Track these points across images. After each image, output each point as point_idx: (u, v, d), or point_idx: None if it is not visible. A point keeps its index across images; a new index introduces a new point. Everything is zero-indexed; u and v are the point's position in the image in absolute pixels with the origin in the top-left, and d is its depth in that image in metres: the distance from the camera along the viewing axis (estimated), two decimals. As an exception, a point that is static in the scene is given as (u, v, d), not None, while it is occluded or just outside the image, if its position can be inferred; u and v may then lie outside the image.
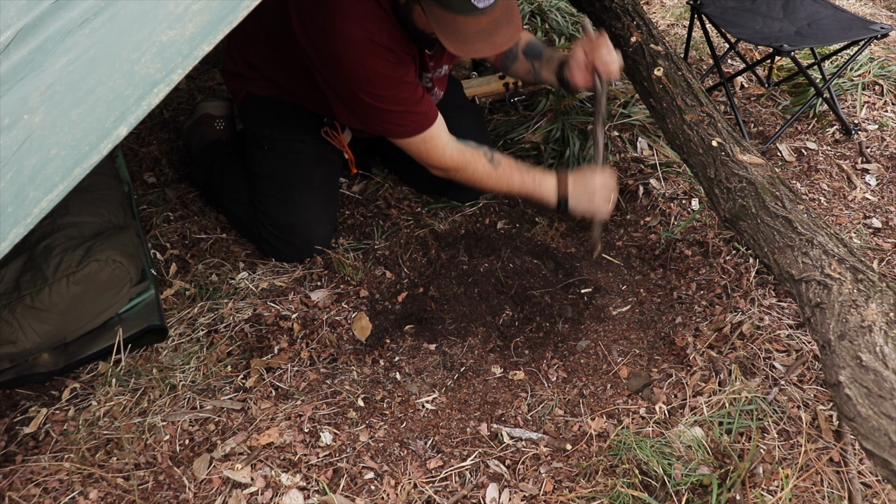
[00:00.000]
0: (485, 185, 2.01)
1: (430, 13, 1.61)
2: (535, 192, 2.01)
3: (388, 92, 1.78)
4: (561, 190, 1.99)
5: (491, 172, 1.97)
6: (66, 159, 0.84)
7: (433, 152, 1.91)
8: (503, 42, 1.66)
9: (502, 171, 1.97)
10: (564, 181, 1.99)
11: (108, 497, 1.50)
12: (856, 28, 2.56)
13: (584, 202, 1.98)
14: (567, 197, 1.99)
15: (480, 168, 1.96)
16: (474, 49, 1.64)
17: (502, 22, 1.64)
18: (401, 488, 1.53)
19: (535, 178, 2.00)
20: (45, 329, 1.72)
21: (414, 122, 1.85)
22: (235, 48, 2.13)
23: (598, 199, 1.97)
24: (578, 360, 1.87)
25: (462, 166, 1.94)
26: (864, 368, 1.15)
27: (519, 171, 1.99)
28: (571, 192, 1.98)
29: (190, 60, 0.89)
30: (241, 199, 2.19)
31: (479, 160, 1.95)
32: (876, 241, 2.21)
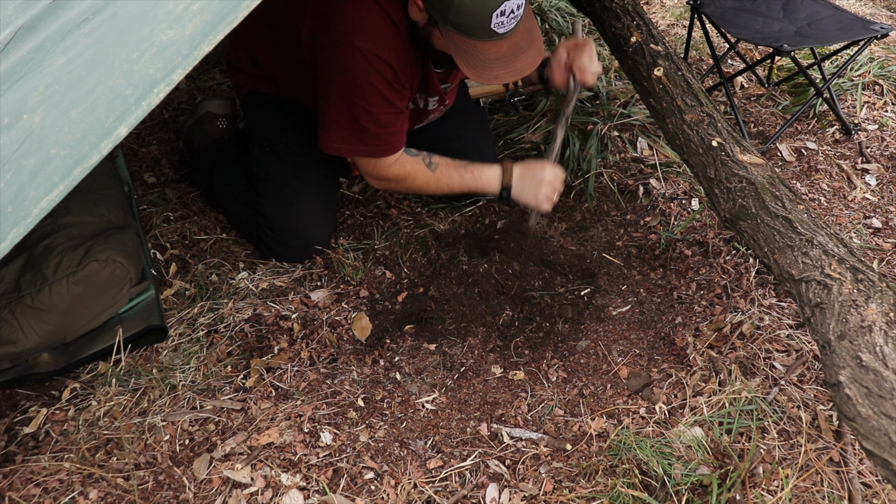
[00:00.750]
0: (426, 190, 2.01)
1: (449, 39, 1.59)
2: (476, 185, 2.01)
3: (376, 109, 1.77)
4: (505, 179, 2.01)
5: (430, 177, 1.97)
6: (65, 159, 0.84)
7: (379, 168, 1.91)
8: (524, 67, 1.64)
9: (441, 172, 1.97)
10: (509, 171, 2.01)
11: (108, 497, 1.50)
12: (856, 28, 2.56)
13: (528, 192, 2.00)
14: (510, 186, 2.00)
15: (420, 175, 1.96)
16: (494, 75, 1.62)
17: (523, 46, 1.62)
18: (401, 488, 1.53)
19: (474, 172, 2.00)
20: (45, 329, 1.72)
21: (379, 148, 1.86)
22: (242, 43, 2.12)
23: (543, 192, 1.98)
24: (578, 360, 1.86)
25: (403, 177, 1.94)
26: (864, 368, 1.15)
27: (457, 169, 1.99)
28: (516, 181, 2.00)
29: (190, 60, 0.89)
30: (242, 199, 2.19)
31: (419, 167, 1.95)
32: (876, 241, 2.21)
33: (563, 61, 1.97)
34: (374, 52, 1.68)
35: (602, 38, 2.40)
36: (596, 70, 1.93)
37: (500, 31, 1.55)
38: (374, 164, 1.90)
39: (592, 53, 1.92)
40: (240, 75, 2.16)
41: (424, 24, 1.67)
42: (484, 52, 1.58)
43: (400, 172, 1.93)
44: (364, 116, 1.77)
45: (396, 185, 1.99)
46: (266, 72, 2.08)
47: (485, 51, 1.58)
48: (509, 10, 1.52)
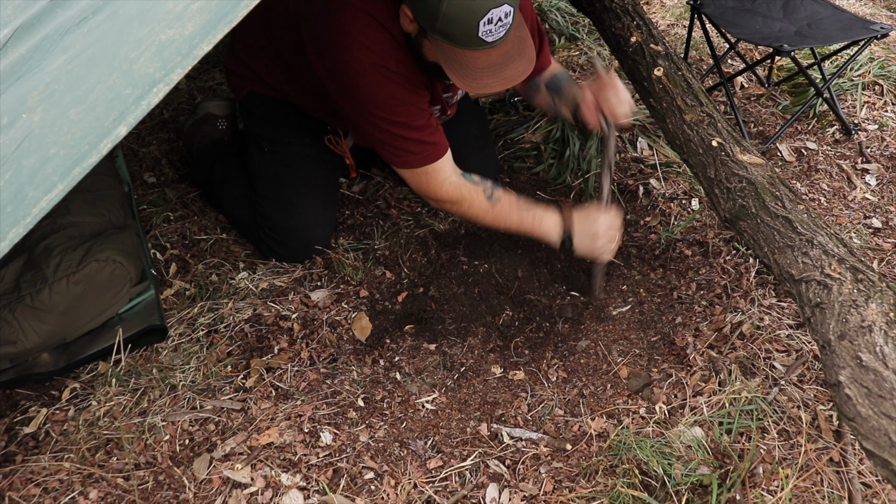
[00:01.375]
0: (481, 221, 1.94)
1: (438, 48, 1.57)
2: (535, 230, 1.93)
3: (405, 118, 1.74)
4: (566, 224, 1.91)
5: (488, 209, 1.90)
6: (65, 159, 0.84)
7: (432, 185, 1.86)
8: (514, 76, 1.61)
9: (500, 208, 1.90)
10: (569, 219, 1.91)
11: (108, 497, 1.50)
12: (856, 28, 2.56)
13: (587, 242, 1.90)
14: (571, 235, 1.91)
15: (477, 204, 1.89)
16: (483, 84, 1.58)
17: (514, 55, 1.59)
18: (401, 488, 1.53)
19: (535, 215, 1.92)
20: (45, 329, 1.72)
21: (425, 152, 1.80)
22: (241, 54, 2.11)
23: (602, 241, 1.88)
24: (578, 360, 1.86)
25: (458, 200, 1.88)
26: (864, 368, 1.15)
27: (518, 209, 1.91)
28: (576, 230, 1.90)
29: (189, 60, 0.89)
30: (241, 200, 2.19)
31: (477, 196, 1.88)
32: (876, 241, 2.21)
33: (592, 104, 1.90)
34: (383, 66, 1.66)
35: (602, 38, 2.40)
36: (626, 109, 1.86)
37: (488, 40, 1.52)
38: (427, 181, 1.84)
39: (618, 90, 1.85)
40: (238, 79, 2.16)
41: (416, 34, 1.66)
42: (473, 61, 1.56)
43: (454, 195, 1.87)
44: (396, 127, 1.74)
45: (452, 208, 1.92)
46: (264, 76, 2.08)
47: (474, 60, 1.55)
48: (497, 17, 1.49)
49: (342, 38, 1.66)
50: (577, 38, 3.31)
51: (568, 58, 3.16)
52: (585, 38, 3.30)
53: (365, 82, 1.68)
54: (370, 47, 1.66)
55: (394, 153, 1.81)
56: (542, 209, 1.93)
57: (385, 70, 1.67)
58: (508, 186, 2.45)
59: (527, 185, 2.46)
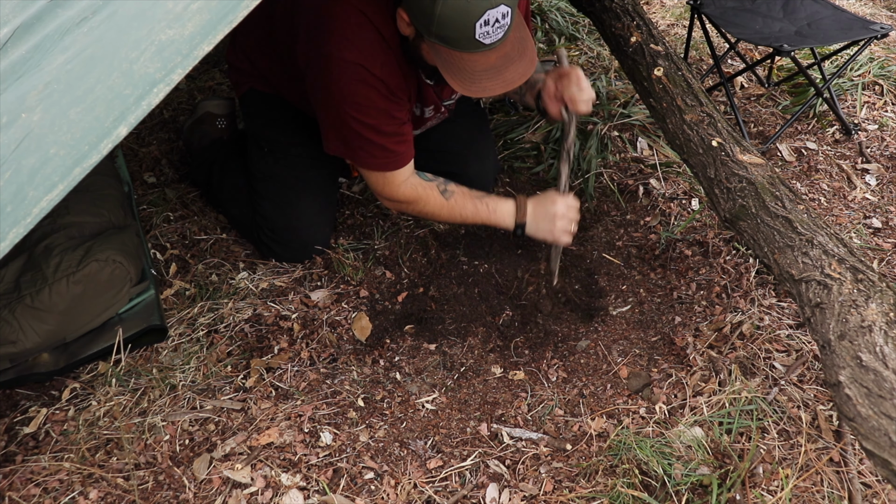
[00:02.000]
0: (438, 217, 1.96)
1: (435, 52, 1.55)
2: (489, 219, 1.95)
3: (375, 121, 1.73)
4: (519, 215, 1.93)
5: (443, 204, 1.91)
6: (65, 159, 0.84)
7: (388, 187, 1.87)
8: (514, 78, 1.58)
9: (455, 200, 1.92)
10: (523, 206, 1.93)
11: (108, 497, 1.50)
12: (856, 28, 2.56)
13: (543, 228, 1.92)
14: (525, 222, 1.93)
15: (433, 201, 1.91)
16: (483, 88, 1.56)
17: (513, 57, 1.57)
18: (401, 488, 1.53)
19: (489, 205, 1.94)
20: (45, 329, 1.72)
21: (387, 159, 1.82)
22: (241, 47, 2.12)
23: (559, 225, 1.90)
24: (578, 360, 1.86)
25: (414, 199, 1.90)
26: (864, 368, 1.15)
27: (472, 200, 1.93)
28: (530, 217, 1.93)
29: (190, 60, 0.89)
30: (241, 199, 2.19)
31: (432, 193, 1.90)
32: (876, 241, 2.21)
33: (553, 93, 1.91)
34: (364, 67, 1.65)
35: (602, 37, 2.40)
36: (588, 97, 1.86)
37: (486, 42, 1.49)
38: (383, 182, 1.86)
39: (580, 81, 1.85)
40: (239, 75, 2.16)
41: (413, 38, 1.64)
42: (471, 64, 1.53)
43: (411, 194, 1.88)
44: (363, 128, 1.74)
45: (408, 208, 1.94)
46: (265, 74, 2.08)
47: (472, 62, 1.53)
48: (494, 19, 1.45)
49: (331, 31, 1.66)
50: (577, 38, 3.31)
51: (568, 57, 3.15)
52: (585, 38, 3.30)
53: (342, 78, 1.67)
54: (356, 45, 1.65)
55: (356, 152, 1.82)
56: (497, 198, 1.96)
57: (365, 71, 1.66)
58: (508, 186, 2.45)
59: (527, 185, 2.46)
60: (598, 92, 2.73)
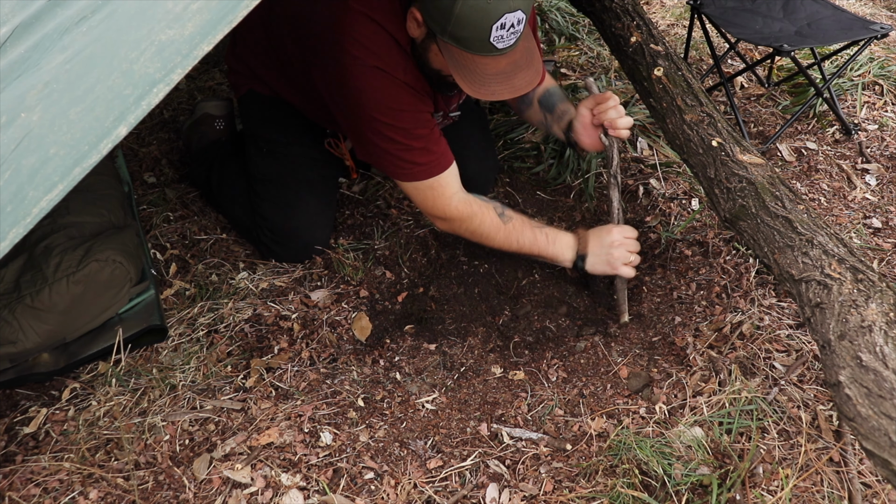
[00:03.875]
0: (492, 240, 1.89)
1: (447, 52, 1.55)
2: (547, 250, 1.89)
3: (408, 124, 1.70)
4: (580, 247, 1.88)
5: (500, 226, 1.86)
6: (65, 159, 0.84)
7: (439, 200, 1.81)
8: (522, 86, 1.59)
9: (513, 226, 1.86)
10: (583, 239, 1.88)
11: (108, 497, 1.50)
12: (856, 28, 2.56)
13: (601, 260, 1.87)
14: (585, 255, 1.87)
15: (488, 221, 1.84)
16: (491, 91, 1.57)
17: (522, 65, 1.58)
18: (401, 488, 1.53)
19: (548, 235, 1.89)
20: (45, 329, 1.72)
21: (429, 163, 1.76)
22: (240, 50, 2.12)
23: (616, 255, 1.86)
24: (578, 360, 1.86)
25: (468, 217, 1.83)
26: (864, 368, 1.15)
27: (531, 228, 1.88)
28: (590, 249, 1.87)
29: (189, 60, 0.89)
30: (240, 200, 2.19)
31: (488, 213, 1.85)
32: (876, 241, 2.21)
33: (589, 122, 1.88)
34: (387, 72, 1.65)
35: (602, 37, 2.40)
36: (627, 122, 1.84)
37: (499, 46, 1.50)
38: (433, 197, 1.80)
39: (618, 105, 1.84)
40: (238, 76, 2.16)
41: (422, 39, 1.64)
42: (482, 68, 1.54)
43: (465, 210, 1.82)
44: (398, 134, 1.70)
45: (461, 227, 1.86)
46: (263, 77, 2.08)
47: (483, 66, 1.54)
48: (510, 23, 1.48)
49: (345, 42, 1.64)
50: (577, 38, 3.31)
51: (568, 58, 3.16)
52: (585, 38, 3.30)
53: (367, 85, 1.65)
54: (374, 51, 1.64)
55: (396, 164, 1.77)
56: (554, 229, 1.90)
57: (387, 74, 1.65)
58: (508, 186, 2.45)
59: (527, 185, 2.46)
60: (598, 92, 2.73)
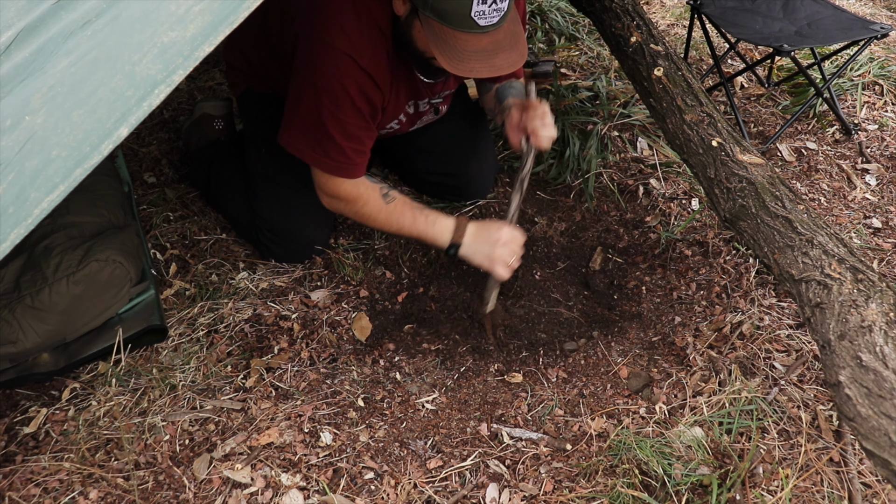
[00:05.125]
0: (374, 221, 1.91)
1: (428, 27, 1.56)
2: (426, 231, 1.88)
3: (345, 117, 1.72)
4: (457, 234, 1.87)
5: (382, 208, 1.87)
6: (67, 160, 0.84)
7: (331, 183, 1.84)
8: (502, 66, 1.59)
9: (394, 206, 1.87)
10: (463, 227, 1.87)
11: (108, 497, 1.50)
12: (856, 28, 2.56)
13: (480, 252, 1.86)
14: (461, 242, 1.87)
15: (372, 202, 1.86)
16: (470, 68, 1.57)
17: (505, 45, 1.59)
18: (401, 488, 1.54)
19: (428, 217, 1.88)
20: (45, 329, 1.72)
21: (341, 165, 1.79)
22: (238, 46, 2.12)
23: (498, 253, 1.84)
24: (578, 360, 1.86)
25: (354, 198, 1.86)
26: (864, 368, 1.15)
27: (412, 210, 1.88)
28: (468, 239, 1.86)
29: (191, 61, 0.89)
30: (239, 200, 2.18)
31: (373, 195, 1.86)
32: (876, 241, 2.21)
33: (516, 122, 1.89)
34: (352, 57, 1.65)
35: (602, 37, 2.40)
36: (550, 134, 1.85)
37: (480, 23, 1.51)
38: (324, 180, 1.85)
39: (545, 116, 1.85)
40: (236, 74, 2.16)
41: (406, 15, 1.65)
42: (462, 43, 1.55)
43: (352, 193, 1.85)
44: (332, 122, 1.72)
45: (346, 207, 1.90)
46: (261, 73, 2.08)
47: (463, 41, 1.54)
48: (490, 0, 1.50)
49: (324, 18, 1.66)
50: (577, 38, 3.31)
51: (568, 58, 3.16)
52: (585, 38, 3.30)
53: (327, 66, 1.66)
54: (347, 34, 1.65)
55: (313, 147, 1.79)
56: (437, 212, 1.91)
57: (352, 62, 1.66)
58: (508, 186, 2.45)
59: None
60: (599, 92, 2.73)
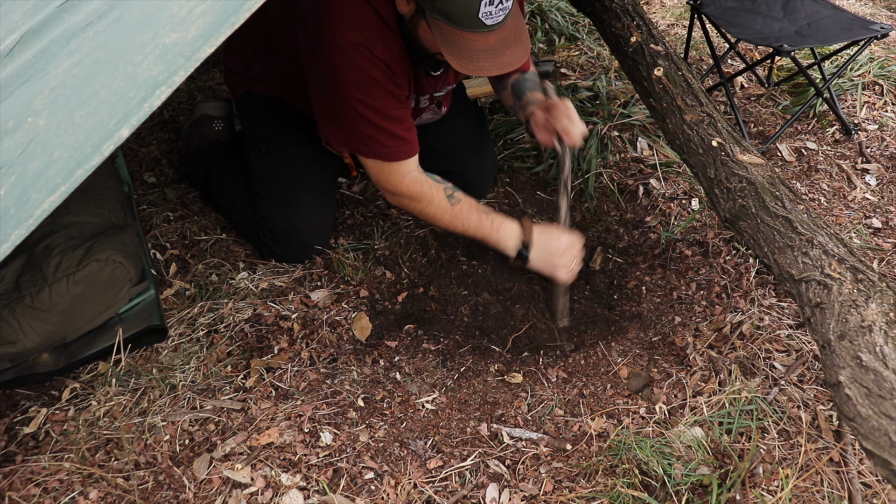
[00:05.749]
0: (439, 221, 1.91)
1: (436, 28, 1.57)
2: (491, 235, 1.90)
3: (381, 104, 1.72)
4: (524, 237, 1.89)
5: (448, 208, 1.87)
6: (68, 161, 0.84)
7: (393, 177, 1.84)
8: (510, 62, 1.61)
9: (460, 208, 1.87)
10: (529, 230, 1.89)
11: (108, 497, 1.50)
12: (856, 28, 2.56)
13: (544, 259, 1.89)
14: (529, 246, 1.88)
15: (437, 202, 1.86)
16: (480, 67, 1.59)
17: (510, 42, 1.60)
18: (401, 488, 1.54)
19: (493, 220, 1.89)
20: (45, 329, 1.72)
21: (397, 147, 1.79)
22: (236, 47, 2.12)
23: (561, 260, 1.87)
24: (578, 360, 1.87)
25: (418, 196, 1.85)
26: (864, 368, 1.16)
27: (477, 213, 1.89)
28: (535, 242, 1.88)
29: (192, 62, 0.89)
30: (240, 201, 2.19)
31: (438, 194, 1.86)
32: (876, 241, 2.21)
33: (542, 123, 1.90)
34: (366, 47, 1.65)
35: (602, 37, 2.40)
36: (581, 130, 1.85)
37: (487, 22, 1.52)
38: (388, 172, 1.83)
39: (571, 113, 1.85)
40: (235, 78, 2.16)
41: (412, 16, 1.65)
42: (471, 43, 1.56)
43: (416, 190, 1.85)
44: (371, 113, 1.72)
45: (409, 205, 1.89)
46: (261, 75, 2.08)
47: (472, 42, 1.56)
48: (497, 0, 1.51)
49: (329, 15, 1.66)
50: (577, 38, 3.31)
51: (568, 58, 3.16)
52: (585, 38, 3.30)
53: (346, 61, 1.66)
54: (357, 27, 1.65)
55: (363, 141, 1.78)
56: (503, 216, 1.92)
57: (368, 52, 1.66)
58: (508, 186, 2.45)
59: (527, 185, 2.46)
60: (599, 92, 2.73)
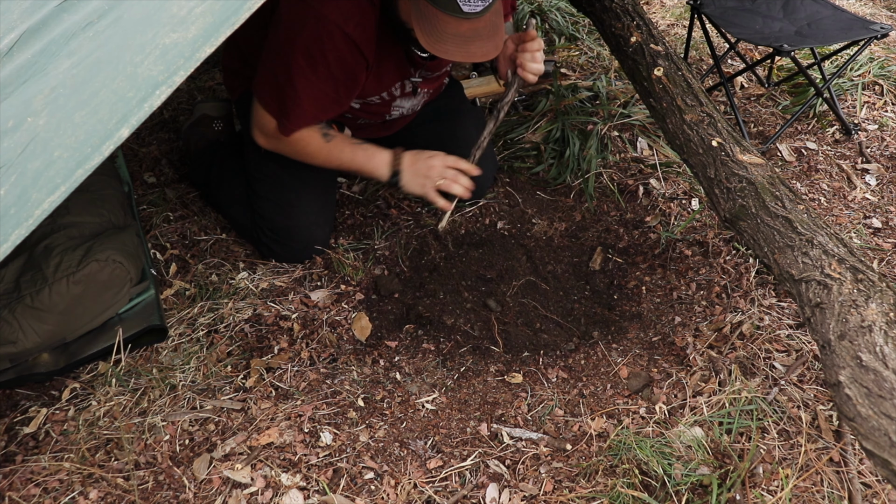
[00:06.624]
0: (315, 159, 1.98)
1: (413, 3, 1.60)
2: (365, 165, 1.98)
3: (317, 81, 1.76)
4: (395, 163, 1.97)
5: (322, 146, 1.94)
6: (68, 161, 0.84)
7: (273, 124, 1.89)
8: (477, 53, 1.64)
9: (334, 144, 1.95)
10: (400, 155, 1.97)
11: (108, 497, 1.50)
12: (856, 28, 2.56)
13: (414, 180, 1.96)
14: (400, 170, 1.96)
15: (313, 142, 1.93)
16: (446, 50, 1.62)
17: (483, 34, 1.63)
18: (401, 488, 1.54)
19: (367, 151, 1.98)
20: (45, 329, 1.72)
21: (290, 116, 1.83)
22: (236, 48, 2.12)
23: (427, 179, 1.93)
24: (578, 360, 1.87)
25: (295, 140, 1.91)
26: (864, 368, 1.16)
27: (351, 146, 1.97)
28: (405, 167, 1.96)
29: (192, 62, 0.89)
30: (239, 201, 2.18)
31: (313, 134, 1.92)
32: (876, 241, 2.21)
33: (508, 54, 1.95)
34: (338, 25, 1.68)
35: (602, 37, 2.40)
36: (537, 68, 1.90)
37: (464, 9, 1.55)
38: (267, 119, 1.88)
39: (536, 53, 1.90)
40: (235, 78, 2.16)
41: None
42: (443, 25, 1.59)
43: (294, 135, 1.90)
44: (301, 81, 1.76)
45: (286, 148, 1.95)
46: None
47: (444, 23, 1.58)
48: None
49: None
50: (577, 38, 3.31)
51: (568, 58, 3.16)
52: (585, 38, 3.30)
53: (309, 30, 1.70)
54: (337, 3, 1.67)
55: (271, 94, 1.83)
56: (376, 146, 1.99)
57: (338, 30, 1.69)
58: (508, 186, 2.45)
59: (527, 185, 2.46)
60: (599, 92, 2.73)
